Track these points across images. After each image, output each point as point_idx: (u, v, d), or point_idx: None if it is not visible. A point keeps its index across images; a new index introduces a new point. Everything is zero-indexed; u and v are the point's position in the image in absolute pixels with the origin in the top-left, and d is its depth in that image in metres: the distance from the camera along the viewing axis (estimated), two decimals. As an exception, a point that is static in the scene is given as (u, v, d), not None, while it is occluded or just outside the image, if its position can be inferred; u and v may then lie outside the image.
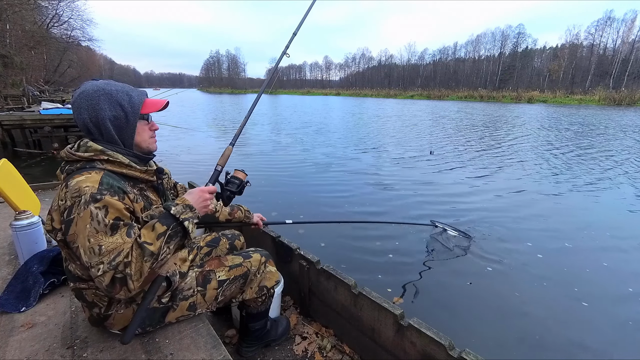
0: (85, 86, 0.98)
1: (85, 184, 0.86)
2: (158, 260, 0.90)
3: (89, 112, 0.95)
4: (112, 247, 0.84)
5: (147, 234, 0.90)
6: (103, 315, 1.02)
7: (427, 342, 1.25)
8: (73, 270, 0.98)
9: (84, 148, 0.94)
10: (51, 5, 25.86)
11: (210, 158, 7.91)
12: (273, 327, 1.63)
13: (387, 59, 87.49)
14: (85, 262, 0.84)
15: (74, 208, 0.85)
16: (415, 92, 59.01)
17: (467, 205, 4.70)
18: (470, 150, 8.96)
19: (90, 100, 0.94)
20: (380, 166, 7.09)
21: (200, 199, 1.05)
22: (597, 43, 54.28)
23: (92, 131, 0.97)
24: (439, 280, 2.90)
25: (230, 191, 1.27)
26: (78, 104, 0.95)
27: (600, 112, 23.84)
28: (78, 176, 0.88)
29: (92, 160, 0.93)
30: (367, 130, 13.02)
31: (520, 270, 3.04)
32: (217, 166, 1.24)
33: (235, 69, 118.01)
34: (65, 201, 0.86)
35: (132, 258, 0.86)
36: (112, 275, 0.84)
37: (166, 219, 0.94)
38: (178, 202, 0.99)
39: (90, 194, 0.85)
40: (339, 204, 4.67)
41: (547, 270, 3.02)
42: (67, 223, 0.85)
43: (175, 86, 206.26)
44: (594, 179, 6.17)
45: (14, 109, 10.62)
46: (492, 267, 3.06)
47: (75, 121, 1.00)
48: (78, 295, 1.03)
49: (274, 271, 1.41)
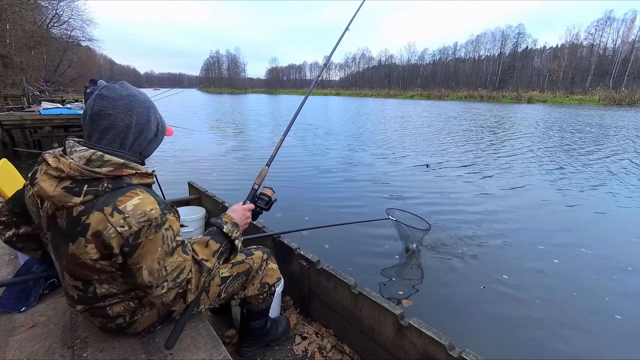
0: (132, 89, 0.91)
1: (149, 207, 0.81)
2: (211, 274, 0.97)
3: (139, 117, 0.90)
4: (174, 265, 0.86)
5: (201, 251, 0.97)
6: (127, 322, 1.01)
7: (427, 342, 1.25)
8: (106, 290, 0.91)
9: (99, 162, 0.81)
10: (51, 5, 25.91)
11: (210, 158, 7.92)
12: (273, 327, 1.63)
13: (387, 59, 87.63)
14: (146, 282, 0.83)
15: (142, 232, 0.80)
16: (415, 92, 59.02)
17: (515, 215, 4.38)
18: (500, 155, 8.46)
19: (142, 107, 0.91)
20: (402, 175, 6.38)
21: (244, 217, 1.17)
22: (597, 43, 54.35)
23: (127, 136, 0.88)
24: (445, 281, 2.87)
25: (260, 207, 1.34)
26: (128, 105, 0.87)
27: (617, 113, 23.44)
28: (126, 199, 0.81)
29: (118, 176, 0.84)
30: (382, 134, 12.30)
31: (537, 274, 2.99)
32: (254, 185, 1.37)
33: (235, 69, 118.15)
34: (128, 227, 0.78)
35: (192, 274, 0.90)
36: (176, 292, 0.87)
37: (219, 236, 1.03)
38: (227, 220, 1.07)
39: (160, 217, 0.83)
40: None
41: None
42: (133, 247, 0.80)
43: (175, 86, 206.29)
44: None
45: (14, 109, 10.62)
46: (507, 275, 2.97)
47: (105, 116, 0.85)
48: (95, 314, 0.96)
49: (275, 268, 1.42)
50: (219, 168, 6.93)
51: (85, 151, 0.82)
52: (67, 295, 0.95)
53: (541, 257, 3.30)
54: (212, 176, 6.23)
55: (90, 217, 0.79)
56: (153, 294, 0.85)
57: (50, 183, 0.80)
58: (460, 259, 3.22)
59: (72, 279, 0.89)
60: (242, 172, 6.59)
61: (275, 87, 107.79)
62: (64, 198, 0.79)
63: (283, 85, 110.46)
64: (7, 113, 8.78)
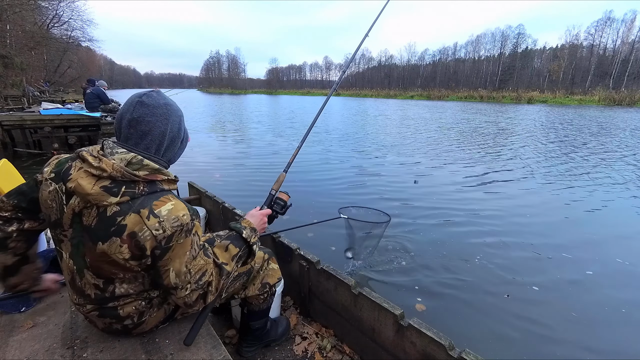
0: (168, 98, 0.96)
1: (181, 213, 0.86)
2: (230, 277, 1.02)
3: (172, 126, 0.94)
4: (197, 268, 0.91)
5: (222, 255, 1.01)
6: (135, 323, 1.01)
7: (427, 342, 1.25)
8: (124, 290, 0.93)
9: (138, 166, 0.85)
10: (51, 5, 25.88)
11: (210, 158, 7.93)
12: (273, 327, 1.63)
13: (387, 59, 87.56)
14: (172, 283, 0.88)
15: (174, 237, 0.85)
16: (416, 93, 59.01)
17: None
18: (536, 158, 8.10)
19: (176, 116, 0.95)
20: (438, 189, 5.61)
21: (262, 222, 1.22)
22: (597, 43, 54.32)
23: (161, 143, 0.93)
24: (464, 287, 2.75)
25: (276, 211, 1.36)
26: (166, 113, 0.92)
27: (627, 113, 23.14)
28: (161, 203, 0.85)
29: (152, 181, 0.88)
30: (397, 137, 11.61)
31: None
32: (271, 190, 1.39)
33: (235, 69, 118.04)
34: (162, 231, 0.82)
35: (213, 277, 0.95)
36: (198, 293, 0.92)
37: (238, 241, 1.07)
38: (245, 225, 1.12)
39: (191, 223, 0.88)
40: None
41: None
42: (164, 250, 0.85)
43: (175, 86, 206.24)
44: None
45: (14, 109, 10.62)
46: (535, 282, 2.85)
47: (145, 122, 0.89)
48: (103, 315, 0.97)
49: (276, 268, 1.42)
50: (220, 168, 6.93)
51: (126, 154, 0.85)
52: (82, 294, 0.94)
53: (570, 267, 3.09)
54: (215, 177, 6.23)
55: (127, 219, 0.81)
56: (177, 295, 0.90)
57: (88, 181, 0.82)
58: (482, 265, 3.08)
59: (95, 277, 0.90)
60: (243, 173, 6.59)
61: (275, 87, 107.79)
62: (100, 197, 0.81)
63: (283, 86, 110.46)
64: (7, 113, 8.78)
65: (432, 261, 3.17)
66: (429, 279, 2.88)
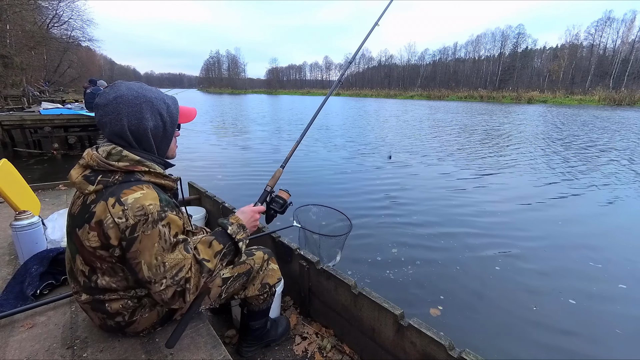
0: (121, 89, 0.89)
1: (148, 202, 0.84)
2: (212, 275, 0.97)
3: (129, 119, 0.89)
4: (174, 262, 0.87)
5: (204, 251, 0.96)
6: (126, 322, 1.01)
7: (427, 342, 1.25)
8: (106, 283, 0.93)
9: (117, 157, 0.87)
10: (51, 5, 25.87)
11: (209, 157, 7.93)
12: (273, 327, 1.63)
13: (387, 59, 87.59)
14: (146, 277, 0.85)
15: (139, 226, 0.82)
16: (416, 93, 59.04)
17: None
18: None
19: (131, 106, 0.88)
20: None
21: (252, 219, 1.14)
22: (597, 43, 54.33)
23: (127, 139, 0.90)
24: (485, 294, 2.71)
25: (274, 210, 1.31)
26: (115, 109, 0.87)
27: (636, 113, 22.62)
28: (130, 192, 0.84)
29: (131, 171, 0.88)
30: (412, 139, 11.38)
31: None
32: (266, 187, 1.32)
33: (235, 69, 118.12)
34: (125, 219, 0.81)
35: (191, 274, 0.90)
36: (174, 289, 0.87)
37: (222, 237, 1.01)
38: (233, 222, 1.06)
39: (157, 213, 0.84)
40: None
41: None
42: (130, 240, 0.82)
43: (175, 86, 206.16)
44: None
45: (14, 109, 10.62)
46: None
47: (102, 124, 0.90)
48: (95, 308, 0.97)
49: (276, 269, 1.41)
50: (221, 168, 6.93)
51: (108, 145, 0.90)
52: (76, 280, 0.96)
53: (601, 278, 2.96)
54: (217, 178, 6.22)
55: (96, 207, 0.84)
56: (152, 290, 0.87)
57: (77, 171, 0.90)
58: (507, 276, 2.98)
59: (83, 264, 0.92)
60: (244, 172, 6.58)
61: (275, 87, 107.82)
62: (82, 185, 0.87)
63: (283, 86, 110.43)
64: (7, 113, 8.78)
65: (458, 266, 3.12)
66: (450, 284, 2.82)
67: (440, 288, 2.80)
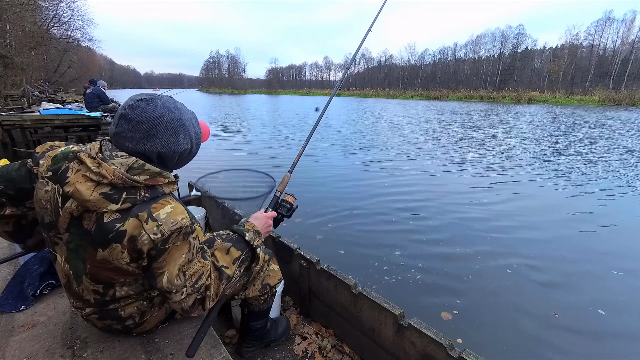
0: (159, 108, 0.82)
1: (180, 217, 0.82)
2: (231, 282, 0.97)
3: (163, 143, 0.84)
4: (193, 270, 0.85)
5: (222, 258, 0.96)
6: (136, 323, 1.01)
7: (427, 342, 1.25)
8: (125, 293, 0.92)
9: (139, 170, 0.80)
10: (51, 5, 25.90)
11: (209, 157, 7.92)
12: (273, 327, 1.63)
13: (387, 59, 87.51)
14: (165, 287, 0.82)
15: (171, 239, 0.81)
16: (416, 93, 59.02)
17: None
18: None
19: (168, 130, 0.84)
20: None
21: (266, 225, 1.16)
22: (596, 43, 54.29)
23: (152, 158, 0.85)
24: (501, 300, 2.63)
25: (282, 214, 1.32)
26: (151, 130, 0.81)
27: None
28: (160, 206, 0.81)
29: (152, 186, 0.84)
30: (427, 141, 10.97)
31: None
32: (276, 192, 1.35)
33: (235, 69, 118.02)
34: (161, 235, 0.79)
35: (211, 280, 0.89)
36: (195, 297, 0.86)
37: (240, 244, 1.02)
38: (249, 228, 1.07)
39: (190, 226, 0.84)
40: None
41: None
42: (160, 252, 0.81)
43: (175, 86, 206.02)
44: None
45: (14, 109, 10.61)
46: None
47: (127, 138, 0.81)
48: (103, 317, 0.96)
49: (277, 269, 1.41)
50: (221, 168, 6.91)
51: (127, 157, 0.80)
52: (81, 298, 0.92)
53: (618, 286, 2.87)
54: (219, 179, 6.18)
55: (125, 224, 0.78)
56: (173, 299, 0.85)
57: (87, 187, 0.77)
58: (523, 282, 2.90)
59: (93, 284, 0.88)
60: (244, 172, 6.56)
61: (275, 87, 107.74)
62: (100, 204, 0.77)
63: (283, 86, 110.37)
64: (7, 113, 8.77)
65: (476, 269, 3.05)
66: (464, 285, 2.76)
67: (456, 290, 2.76)
